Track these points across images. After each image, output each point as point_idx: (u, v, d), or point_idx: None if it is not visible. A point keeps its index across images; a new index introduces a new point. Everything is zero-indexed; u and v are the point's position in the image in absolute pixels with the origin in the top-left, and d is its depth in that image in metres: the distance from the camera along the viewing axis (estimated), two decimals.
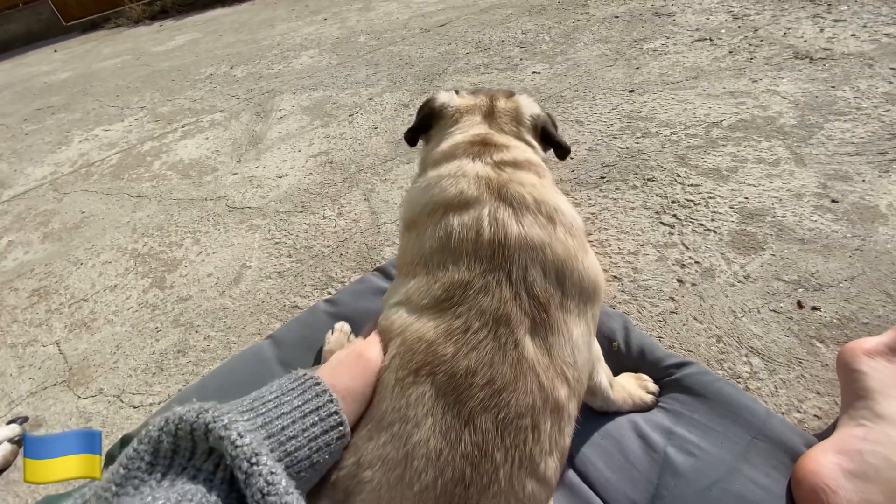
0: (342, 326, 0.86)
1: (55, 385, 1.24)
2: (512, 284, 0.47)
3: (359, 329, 0.88)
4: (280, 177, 1.92)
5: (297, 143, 2.16)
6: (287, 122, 2.41)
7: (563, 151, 0.72)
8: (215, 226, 1.71)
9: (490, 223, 0.50)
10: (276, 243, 1.53)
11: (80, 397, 1.19)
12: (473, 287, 0.48)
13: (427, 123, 0.72)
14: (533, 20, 2.93)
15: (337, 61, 3.12)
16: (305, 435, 0.39)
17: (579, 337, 0.49)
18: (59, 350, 1.35)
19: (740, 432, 0.64)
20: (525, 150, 0.63)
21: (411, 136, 0.74)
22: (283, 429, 0.38)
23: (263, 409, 0.39)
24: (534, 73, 2.20)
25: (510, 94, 0.72)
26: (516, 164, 0.58)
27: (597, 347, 0.59)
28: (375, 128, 2.10)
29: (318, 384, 0.43)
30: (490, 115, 0.67)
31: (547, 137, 0.70)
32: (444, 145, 0.63)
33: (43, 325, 1.46)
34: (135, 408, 1.12)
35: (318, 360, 0.84)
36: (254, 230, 1.63)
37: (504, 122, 0.67)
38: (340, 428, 0.42)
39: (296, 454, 0.38)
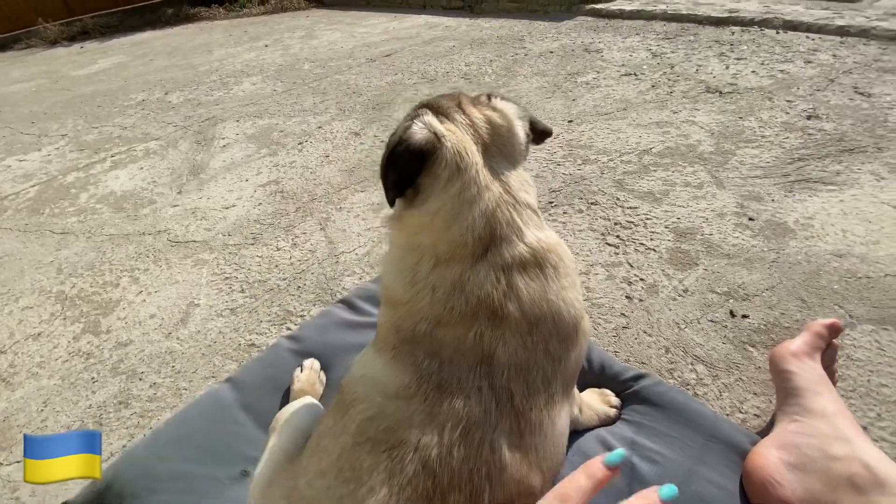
0: (311, 364, 0.83)
1: None
2: (493, 390, 0.47)
3: (327, 366, 0.86)
4: (227, 208, 1.85)
5: (244, 172, 2.10)
6: (231, 150, 2.33)
7: (548, 136, 0.62)
8: (156, 262, 1.61)
9: (476, 340, 0.48)
10: (227, 278, 1.46)
11: (2, 464, 1.05)
12: (449, 389, 0.47)
13: (412, 179, 0.52)
14: (475, 53, 3.07)
15: (282, 89, 3.09)
16: None
17: (564, 420, 0.50)
18: None
19: (694, 437, 0.69)
20: (535, 228, 0.51)
21: (395, 196, 0.54)
22: None
23: None
24: None
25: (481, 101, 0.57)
26: (524, 267, 0.49)
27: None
28: (327, 156, 2.09)
29: None
30: (485, 148, 0.52)
31: (537, 134, 0.60)
32: (443, 244, 0.49)
33: None
34: None
35: (286, 401, 0.81)
36: (200, 265, 1.55)
37: (502, 160, 0.52)
38: None
39: None
